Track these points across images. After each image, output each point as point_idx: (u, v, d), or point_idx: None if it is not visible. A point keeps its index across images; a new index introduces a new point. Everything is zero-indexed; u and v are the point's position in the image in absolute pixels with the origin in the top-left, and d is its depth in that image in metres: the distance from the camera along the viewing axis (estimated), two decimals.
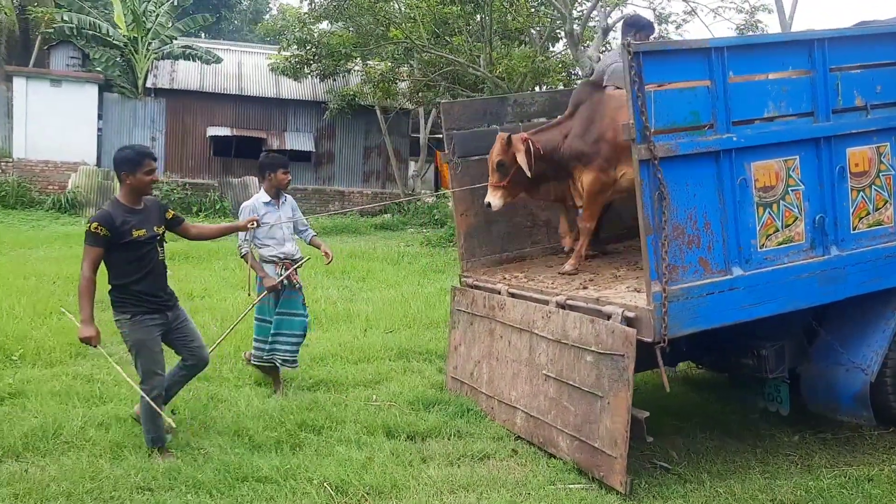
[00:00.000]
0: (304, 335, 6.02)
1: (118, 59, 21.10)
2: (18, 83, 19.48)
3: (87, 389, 5.67)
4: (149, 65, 21.15)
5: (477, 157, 6.05)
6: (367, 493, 4.11)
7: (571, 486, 4.31)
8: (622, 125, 4.48)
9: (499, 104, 6.45)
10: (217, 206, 19.98)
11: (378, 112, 21.42)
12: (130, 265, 4.39)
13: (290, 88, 22.10)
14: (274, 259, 5.82)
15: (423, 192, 23.14)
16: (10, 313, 7.60)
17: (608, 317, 4.36)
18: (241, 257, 5.87)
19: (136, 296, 4.43)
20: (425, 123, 22.92)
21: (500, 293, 5.51)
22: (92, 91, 20.12)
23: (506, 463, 4.69)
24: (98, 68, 20.77)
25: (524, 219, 6.46)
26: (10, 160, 19.47)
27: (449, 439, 4.99)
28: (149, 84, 21.09)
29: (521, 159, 5.27)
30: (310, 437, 4.85)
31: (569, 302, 4.76)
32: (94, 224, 4.29)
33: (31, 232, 15.42)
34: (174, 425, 4.60)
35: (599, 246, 6.22)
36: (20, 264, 11.05)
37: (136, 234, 4.37)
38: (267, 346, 5.81)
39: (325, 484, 4.14)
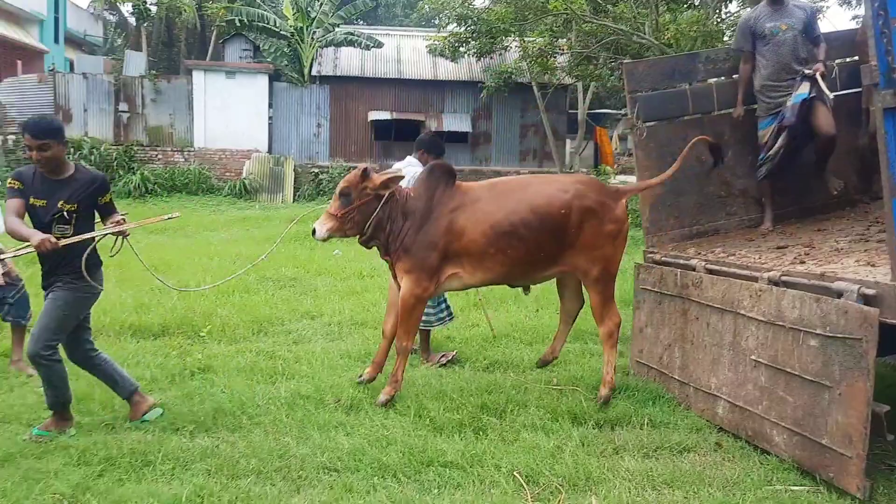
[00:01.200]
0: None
1: (286, 49, 21.96)
2: (198, 76, 20.74)
3: (270, 366, 5.73)
4: (314, 53, 21.86)
5: (665, 121, 5.52)
6: (560, 485, 3.79)
7: (794, 487, 3.77)
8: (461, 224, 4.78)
9: (688, 61, 5.88)
10: None
11: (535, 89, 20.92)
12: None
13: (448, 70, 22.09)
14: None
15: (581, 170, 22.42)
16: (199, 292, 7.93)
17: (839, 294, 3.75)
18: None
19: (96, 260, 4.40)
20: (584, 99, 22.17)
21: (694, 270, 4.99)
22: (263, 81, 21.06)
23: (710, 457, 4.21)
24: (268, 59, 21.73)
25: (717, 188, 5.87)
26: (192, 149, 20.80)
27: (641, 428, 4.58)
28: (314, 72, 21.79)
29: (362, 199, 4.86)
30: (492, 421, 4.60)
31: (785, 278, 4.18)
32: (10, 179, 4.29)
33: (213, 216, 16.35)
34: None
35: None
36: (204, 245, 11.67)
37: (33, 200, 4.26)
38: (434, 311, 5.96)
39: (514, 473, 3.87)
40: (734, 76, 5.87)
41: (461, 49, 19.38)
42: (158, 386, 5.23)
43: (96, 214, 4.43)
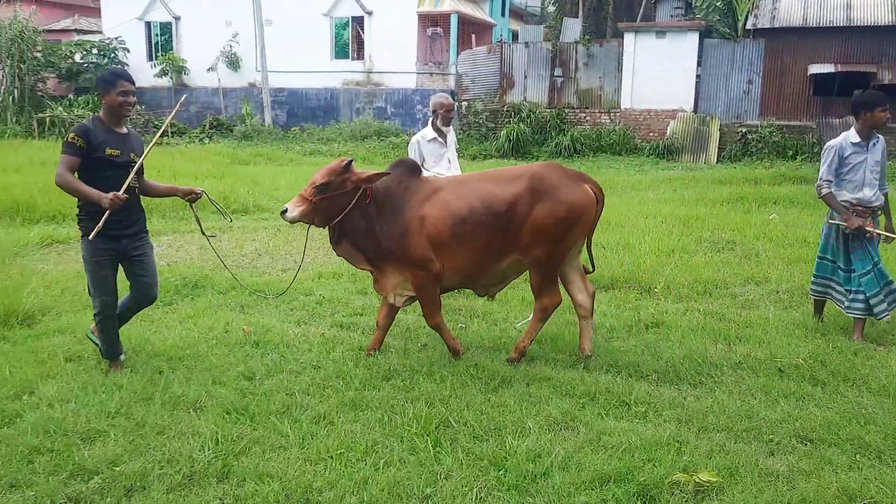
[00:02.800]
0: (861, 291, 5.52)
1: (718, 3, 21.13)
2: (628, 38, 21.12)
3: (720, 327, 5.78)
4: (749, 5, 20.66)
5: None
6: None
7: None
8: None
9: None
10: (815, 149, 18.66)
11: None
12: (97, 184, 4.40)
13: None
14: (846, 204, 5.58)
15: None
16: (640, 250, 8.29)
17: None
18: (821, 197, 5.66)
19: (92, 216, 4.43)
20: None
21: None
22: (693, 39, 20.62)
23: None
24: (699, 15, 21.17)
25: None
26: (618, 110, 21.40)
27: None
28: (748, 25, 20.63)
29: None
30: None
31: None
32: (72, 134, 4.39)
33: (637, 176, 16.71)
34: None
35: None
36: (635, 205, 12.04)
37: (108, 151, 4.44)
38: (821, 284, 5.88)
39: None
40: None
41: None
42: (617, 335, 5.66)
43: None
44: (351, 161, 4.87)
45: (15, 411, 4.12)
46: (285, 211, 4.74)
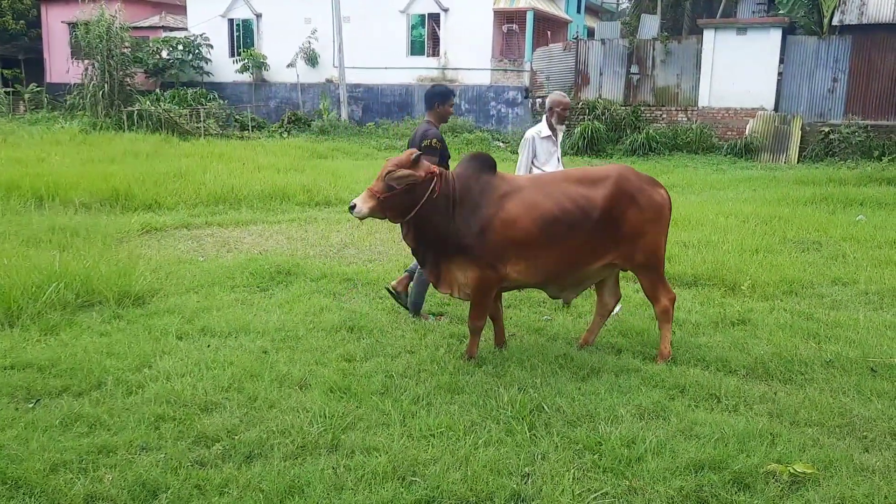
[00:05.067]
0: None
1: None
2: (707, 35, 20.76)
3: (808, 326, 5.76)
4: (836, 1, 20.05)
5: None
6: None
7: None
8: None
9: None
10: None
11: None
12: None
13: None
14: None
15: None
16: (723, 248, 8.25)
17: None
18: None
19: None
20: None
21: None
22: (775, 35, 20.14)
23: None
24: (782, 11, 20.65)
25: None
26: (696, 108, 21.06)
27: None
28: (835, 21, 20.03)
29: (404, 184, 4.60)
30: None
31: None
32: (434, 140, 5.57)
33: (715, 175, 16.46)
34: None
35: None
36: (715, 204, 11.91)
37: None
38: None
39: None
40: None
41: None
42: (703, 331, 5.71)
43: None
44: (420, 154, 4.72)
45: (138, 382, 4.46)
46: (353, 207, 4.59)
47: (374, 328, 5.58)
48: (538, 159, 6.45)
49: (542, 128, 6.50)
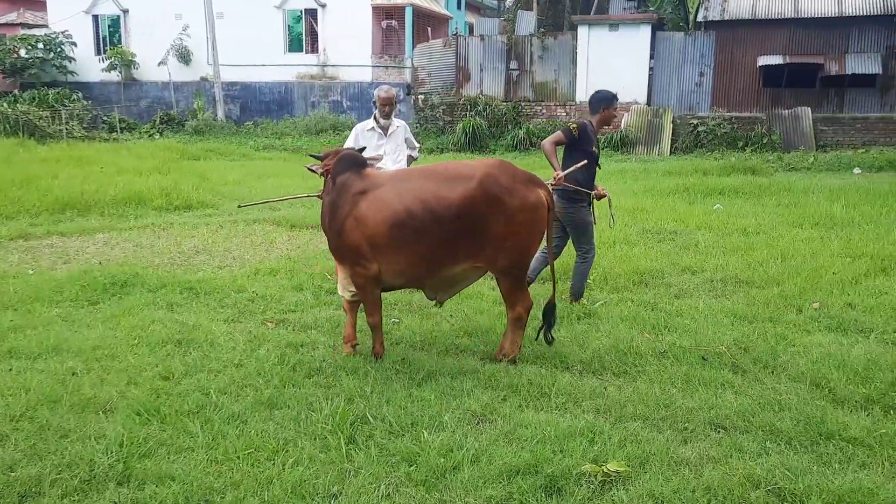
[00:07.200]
0: None
1: None
2: (582, 31, 21.19)
3: (652, 317, 5.79)
4: None
5: None
6: None
7: None
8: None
9: None
10: (764, 140, 19.00)
11: None
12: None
13: (854, 4, 19.42)
14: None
15: None
16: None
17: None
18: None
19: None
20: None
21: None
22: (645, 31, 20.75)
23: None
24: (651, 8, 21.32)
25: None
26: (574, 103, 21.47)
27: None
28: (699, 18, 20.84)
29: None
30: None
31: None
32: (575, 126, 5.94)
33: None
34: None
35: None
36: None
37: (594, 149, 6.05)
38: None
39: None
40: None
41: None
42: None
43: None
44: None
45: None
46: None
47: (205, 341, 5.21)
48: (366, 151, 6.33)
49: (369, 121, 6.62)
